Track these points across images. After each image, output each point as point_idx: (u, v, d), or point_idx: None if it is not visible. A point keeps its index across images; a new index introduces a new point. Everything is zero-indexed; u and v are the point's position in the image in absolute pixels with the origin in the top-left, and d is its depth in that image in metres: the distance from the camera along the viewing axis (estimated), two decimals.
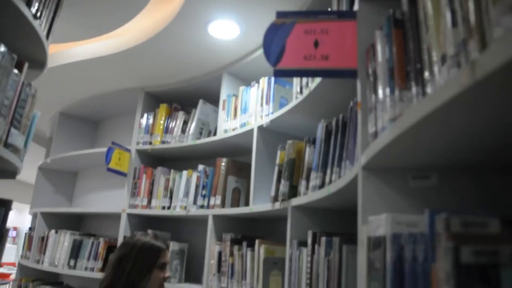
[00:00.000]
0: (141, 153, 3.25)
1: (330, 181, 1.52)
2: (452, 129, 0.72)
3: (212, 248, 2.46)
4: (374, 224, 0.87)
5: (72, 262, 3.28)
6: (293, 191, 1.86)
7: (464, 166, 0.97)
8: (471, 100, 0.56)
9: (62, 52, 3.17)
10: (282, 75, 1.17)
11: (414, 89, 0.81)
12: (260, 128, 2.36)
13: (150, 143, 3.19)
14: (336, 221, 1.82)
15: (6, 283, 6.99)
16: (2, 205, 1.41)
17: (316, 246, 1.56)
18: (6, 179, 1.76)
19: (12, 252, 9.88)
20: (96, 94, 3.72)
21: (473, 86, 0.50)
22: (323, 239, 1.49)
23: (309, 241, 1.61)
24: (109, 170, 3.06)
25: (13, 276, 6.36)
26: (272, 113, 2.29)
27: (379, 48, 0.95)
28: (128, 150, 3.22)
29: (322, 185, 1.59)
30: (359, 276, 0.97)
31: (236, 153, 2.83)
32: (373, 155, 0.92)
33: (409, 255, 0.70)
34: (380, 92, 0.94)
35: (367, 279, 0.90)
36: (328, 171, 1.56)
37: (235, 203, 2.52)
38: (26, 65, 1.49)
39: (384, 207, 0.99)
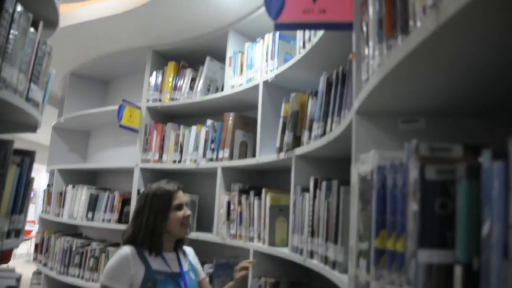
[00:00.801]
0: (151, 110, 3.36)
1: (331, 130, 1.61)
2: (429, 73, 0.81)
3: (221, 198, 2.60)
4: (364, 160, 0.97)
5: (89, 215, 3.47)
6: (297, 142, 1.97)
7: (449, 111, 1.06)
8: (438, 44, 0.64)
9: (71, 12, 3.22)
10: (283, 28, 1.25)
11: (399, 38, 0.89)
12: (266, 83, 2.44)
13: (160, 100, 3.29)
14: (336, 169, 1.92)
15: (28, 239, 7.33)
16: (27, 155, 1.53)
17: (318, 191, 1.68)
18: (22, 133, 1.85)
19: (31, 210, 10.26)
20: (105, 53, 3.78)
21: (437, 30, 0.58)
22: (324, 183, 1.61)
23: (311, 186, 1.73)
24: (121, 126, 3.18)
25: (33, 233, 6.67)
26: (277, 68, 2.36)
27: (370, 0, 1.03)
28: (139, 107, 3.32)
29: (323, 134, 1.68)
30: (351, 208, 1.08)
31: (243, 108, 2.92)
32: (363, 99, 1.01)
33: (391, 183, 0.81)
34: (371, 42, 1.02)
35: (358, 210, 1.01)
36: (329, 120, 1.66)
37: (243, 156, 2.64)
38: (41, 24, 1.57)
39: (375, 148, 1.08)
